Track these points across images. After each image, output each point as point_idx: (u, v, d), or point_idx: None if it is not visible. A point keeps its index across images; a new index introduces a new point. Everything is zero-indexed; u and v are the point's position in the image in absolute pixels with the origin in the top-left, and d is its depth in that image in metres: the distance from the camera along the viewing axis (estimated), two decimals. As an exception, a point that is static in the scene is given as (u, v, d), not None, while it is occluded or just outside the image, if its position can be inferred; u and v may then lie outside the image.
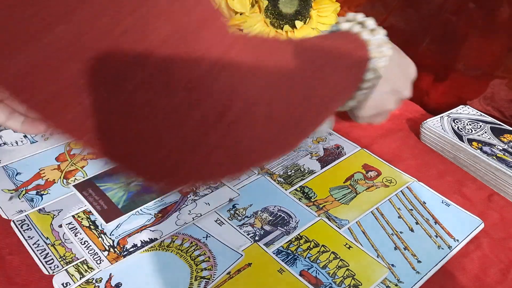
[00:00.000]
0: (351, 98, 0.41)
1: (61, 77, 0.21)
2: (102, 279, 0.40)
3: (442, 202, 0.51)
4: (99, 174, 0.50)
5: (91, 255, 0.42)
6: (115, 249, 0.43)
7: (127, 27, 0.21)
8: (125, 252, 0.42)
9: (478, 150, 0.55)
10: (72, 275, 0.40)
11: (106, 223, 0.45)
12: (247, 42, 0.27)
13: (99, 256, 0.42)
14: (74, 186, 0.49)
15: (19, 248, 0.43)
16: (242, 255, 0.42)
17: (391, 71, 0.42)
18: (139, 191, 0.48)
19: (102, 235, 0.44)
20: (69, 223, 0.45)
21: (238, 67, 0.24)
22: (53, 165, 0.52)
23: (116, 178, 0.50)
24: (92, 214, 0.46)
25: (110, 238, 0.44)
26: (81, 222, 0.45)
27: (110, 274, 0.40)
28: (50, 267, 0.41)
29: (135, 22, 0.21)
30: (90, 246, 0.43)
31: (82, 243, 0.43)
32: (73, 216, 0.46)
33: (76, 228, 0.44)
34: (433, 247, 0.45)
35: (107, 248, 0.43)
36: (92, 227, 0.45)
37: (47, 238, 0.43)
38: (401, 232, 0.47)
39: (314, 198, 0.50)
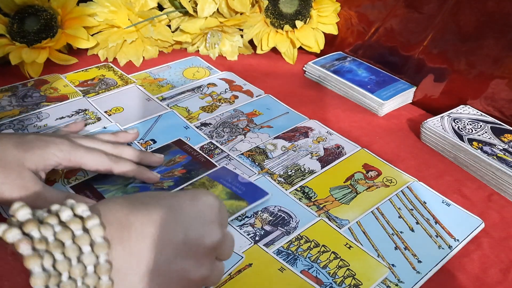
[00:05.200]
0: None
1: None
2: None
3: (443, 202, 0.51)
4: (97, 176, 0.50)
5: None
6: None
7: None
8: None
9: (479, 150, 0.55)
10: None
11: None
12: None
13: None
14: (71, 187, 0.48)
15: (19, 248, 0.43)
16: (242, 257, 0.42)
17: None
18: (137, 193, 0.48)
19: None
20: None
21: None
22: (53, 165, 0.52)
23: (113, 180, 0.50)
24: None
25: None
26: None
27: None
28: (50, 267, 0.41)
29: None
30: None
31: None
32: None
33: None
34: (433, 247, 0.45)
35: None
36: (92, 227, 0.45)
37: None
38: (401, 232, 0.47)
39: (315, 198, 0.50)
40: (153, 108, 0.63)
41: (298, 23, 0.75)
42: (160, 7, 0.76)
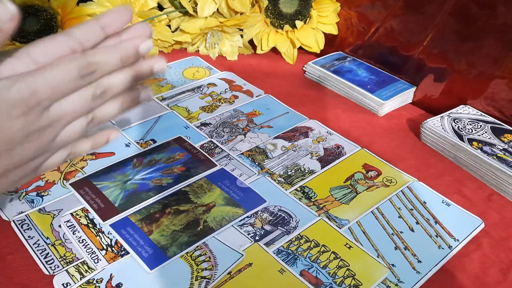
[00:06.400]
0: None
1: None
2: (102, 279, 0.40)
3: (443, 202, 0.51)
4: (96, 172, 0.50)
5: (89, 254, 0.42)
6: (113, 248, 0.43)
7: None
8: (123, 252, 0.42)
9: (479, 150, 0.55)
10: (73, 275, 0.40)
11: (103, 221, 0.45)
12: None
13: (96, 255, 0.42)
14: (70, 184, 0.49)
15: (19, 248, 0.43)
16: (242, 255, 0.42)
17: None
18: (136, 190, 0.48)
19: (100, 233, 0.44)
20: (67, 221, 0.45)
21: None
22: (53, 165, 0.52)
23: (112, 177, 0.50)
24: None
25: (108, 237, 0.44)
26: (80, 220, 0.45)
27: (111, 274, 0.40)
28: (50, 267, 0.41)
29: None
30: (88, 244, 0.43)
31: (80, 241, 0.43)
32: (72, 214, 0.46)
33: (75, 226, 0.44)
34: (433, 247, 0.45)
35: (105, 247, 0.43)
36: (90, 225, 0.45)
37: (47, 238, 0.43)
38: (401, 232, 0.47)
39: (314, 198, 0.50)
40: (153, 108, 0.63)
41: (298, 23, 0.75)
42: (160, 7, 0.76)
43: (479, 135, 0.58)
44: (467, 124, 0.60)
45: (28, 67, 0.28)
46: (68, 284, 0.40)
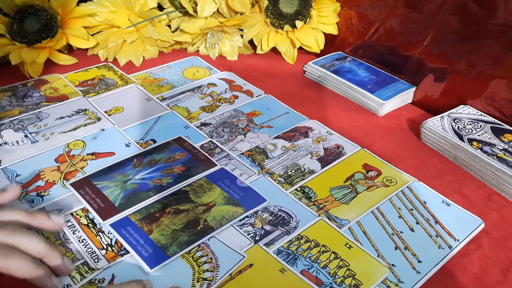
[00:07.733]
0: None
1: None
2: (104, 279, 0.40)
3: (443, 202, 0.51)
4: (96, 172, 0.50)
5: (89, 254, 0.42)
6: (113, 248, 0.43)
7: None
8: (123, 251, 0.42)
9: (479, 150, 0.55)
10: (73, 276, 0.40)
11: (103, 221, 0.45)
12: None
13: (97, 255, 0.42)
14: (71, 184, 0.49)
15: (19, 248, 0.43)
16: (244, 257, 0.42)
17: None
18: (136, 190, 0.48)
19: (100, 233, 0.44)
20: (67, 221, 0.45)
21: None
22: (53, 166, 0.52)
23: (112, 177, 0.50)
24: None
25: (108, 237, 0.44)
26: (80, 220, 0.45)
27: (113, 274, 0.40)
28: (50, 267, 0.41)
29: None
30: (88, 244, 0.43)
31: (80, 241, 0.43)
32: (72, 214, 0.46)
33: (75, 226, 0.44)
34: (433, 247, 0.45)
35: (105, 247, 0.43)
36: (90, 225, 0.45)
37: (47, 238, 0.43)
38: (401, 232, 0.47)
39: (315, 198, 0.50)
40: (153, 108, 0.63)
41: (298, 23, 0.75)
42: (160, 7, 0.76)
43: (479, 135, 0.58)
44: (467, 124, 0.60)
45: None
46: (69, 285, 0.40)
